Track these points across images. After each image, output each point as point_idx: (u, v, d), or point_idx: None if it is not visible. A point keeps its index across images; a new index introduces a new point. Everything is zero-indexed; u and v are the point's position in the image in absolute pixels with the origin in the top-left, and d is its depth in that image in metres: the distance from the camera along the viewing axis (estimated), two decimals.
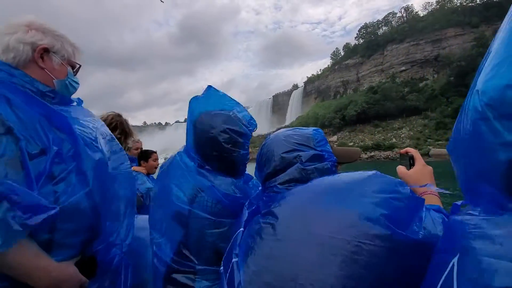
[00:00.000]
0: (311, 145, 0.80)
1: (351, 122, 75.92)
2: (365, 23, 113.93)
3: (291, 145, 0.80)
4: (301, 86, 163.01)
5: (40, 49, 0.92)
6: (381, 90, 73.76)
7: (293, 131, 0.85)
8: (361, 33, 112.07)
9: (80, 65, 1.06)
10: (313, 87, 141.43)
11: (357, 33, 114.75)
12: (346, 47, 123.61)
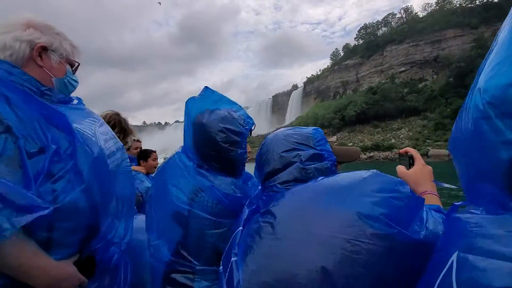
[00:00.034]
0: (310, 144, 0.80)
1: (351, 122, 75.87)
2: (365, 23, 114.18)
3: (290, 144, 0.80)
4: (301, 86, 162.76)
5: (38, 47, 0.91)
6: (381, 90, 73.77)
7: (293, 130, 0.85)
8: (361, 34, 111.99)
9: (79, 63, 1.05)
10: (313, 87, 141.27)
11: (357, 34, 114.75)
12: (345, 48, 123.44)
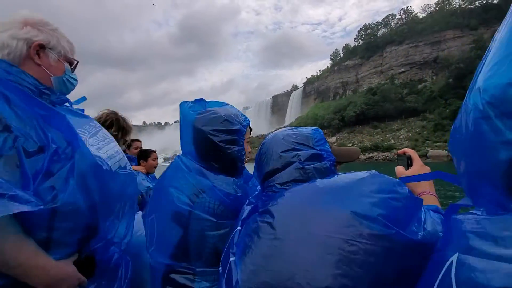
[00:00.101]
0: (310, 144, 0.80)
1: (350, 123, 75.79)
2: (365, 24, 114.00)
3: (290, 144, 0.79)
4: (301, 87, 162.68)
5: (35, 45, 0.89)
6: (380, 91, 73.77)
7: (292, 130, 0.85)
8: (361, 35, 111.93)
9: (77, 61, 1.04)
10: (313, 88, 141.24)
11: (357, 35, 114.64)
12: (345, 48, 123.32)
